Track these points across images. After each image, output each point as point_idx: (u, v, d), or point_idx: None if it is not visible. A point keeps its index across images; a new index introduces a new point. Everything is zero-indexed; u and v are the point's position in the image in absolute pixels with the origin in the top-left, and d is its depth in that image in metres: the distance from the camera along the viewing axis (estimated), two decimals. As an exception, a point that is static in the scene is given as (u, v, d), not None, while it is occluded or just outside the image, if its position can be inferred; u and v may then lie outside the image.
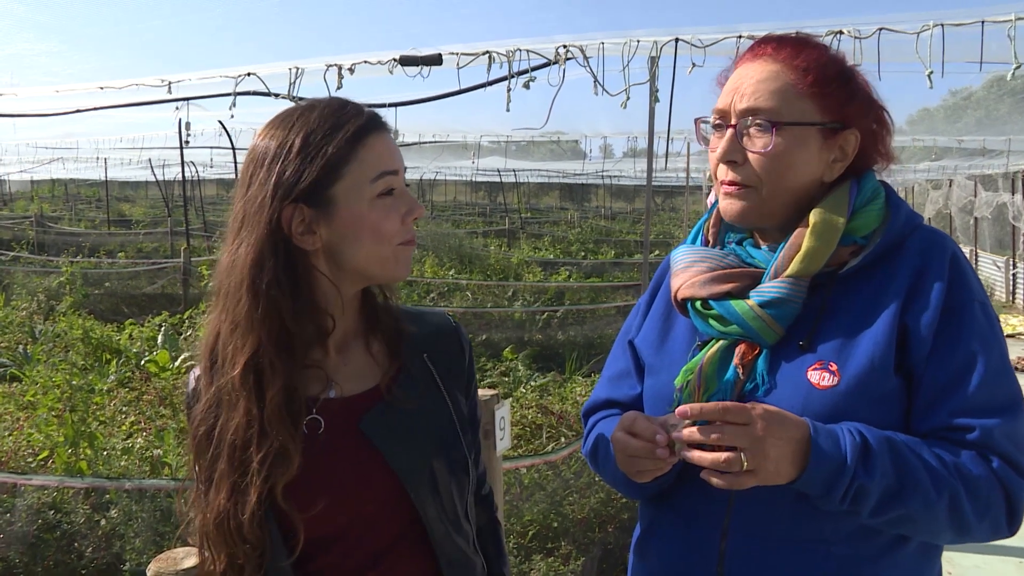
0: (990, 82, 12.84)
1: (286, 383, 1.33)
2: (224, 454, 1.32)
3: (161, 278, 13.52)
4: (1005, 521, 1.32)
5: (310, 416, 1.38)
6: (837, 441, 1.26)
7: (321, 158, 1.32)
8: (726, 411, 1.24)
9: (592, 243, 21.46)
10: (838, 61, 1.48)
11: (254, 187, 1.34)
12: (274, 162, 1.33)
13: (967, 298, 1.36)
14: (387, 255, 1.38)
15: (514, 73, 5.67)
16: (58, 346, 8.62)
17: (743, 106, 1.43)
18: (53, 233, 21.38)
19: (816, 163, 1.44)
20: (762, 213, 1.45)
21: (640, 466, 1.35)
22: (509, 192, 35.19)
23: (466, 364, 1.59)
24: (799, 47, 1.46)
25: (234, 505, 1.30)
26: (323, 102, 1.39)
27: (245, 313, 1.32)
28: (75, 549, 3.96)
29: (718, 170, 1.49)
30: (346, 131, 1.34)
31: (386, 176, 1.36)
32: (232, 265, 1.34)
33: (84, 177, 36.25)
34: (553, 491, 4.67)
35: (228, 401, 1.33)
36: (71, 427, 5.07)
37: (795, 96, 1.42)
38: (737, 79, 1.47)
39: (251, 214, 1.33)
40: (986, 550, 4.94)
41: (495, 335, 10.16)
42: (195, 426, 1.38)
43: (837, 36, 4.93)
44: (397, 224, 1.38)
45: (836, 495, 1.26)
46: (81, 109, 8.84)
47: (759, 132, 1.42)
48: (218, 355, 1.36)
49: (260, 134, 1.38)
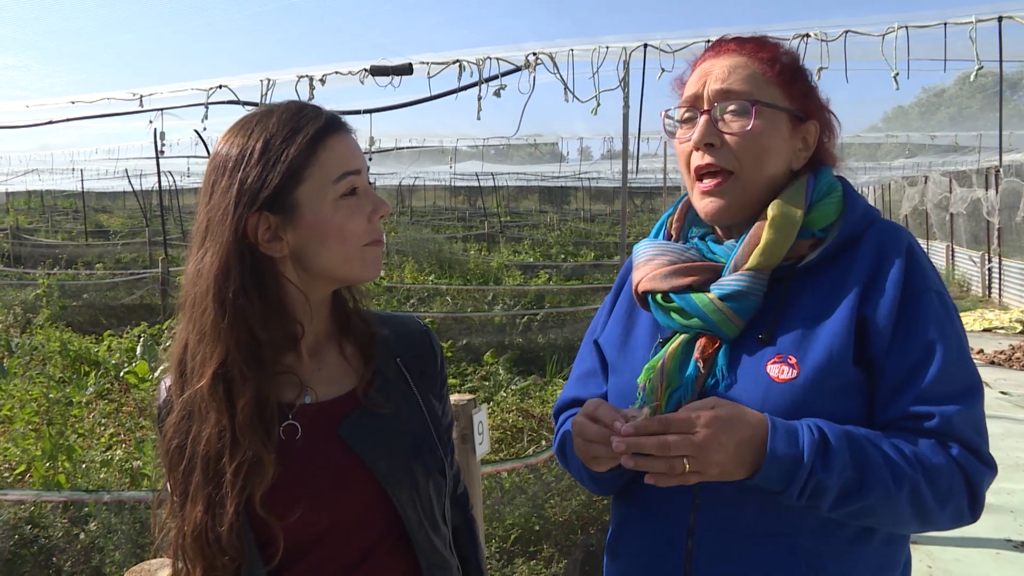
0: (961, 79, 13.00)
1: (257, 392, 1.32)
2: (198, 466, 1.31)
3: (140, 289, 13.44)
4: (967, 507, 1.33)
5: (287, 422, 1.38)
6: (795, 438, 1.27)
7: (282, 163, 1.31)
8: (668, 425, 1.26)
9: (571, 245, 21.50)
10: (796, 57, 1.53)
11: (216, 195, 1.33)
12: (236, 169, 1.32)
13: (923, 287, 1.38)
14: (354, 256, 1.38)
15: (484, 80, 5.69)
16: (35, 359, 8.54)
17: (717, 87, 1.45)
18: (29, 245, 21.20)
19: (787, 150, 1.47)
20: (742, 205, 1.47)
21: (595, 452, 1.35)
22: (488, 196, 35.19)
23: (438, 367, 1.60)
24: (760, 43, 1.51)
25: (211, 517, 1.29)
26: (282, 106, 1.38)
27: (211, 323, 1.31)
28: (53, 564, 3.93)
29: (692, 157, 1.49)
30: (305, 134, 1.33)
31: (348, 176, 1.36)
32: (198, 274, 1.34)
33: (60, 188, 36.01)
34: (534, 494, 4.68)
35: (199, 412, 1.33)
36: (48, 440, 5.04)
37: (765, 83, 1.45)
38: (705, 70, 1.50)
39: (215, 223, 1.32)
40: (965, 543, 4.99)
41: (475, 339, 10.16)
42: (167, 439, 1.37)
43: (804, 39, 4.98)
44: (363, 224, 1.37)
45: (793, 491, 1.27)
46: (54, 120, 8.79)
47: (735, 116, 1.44)
48: (187, 366, 1.36)
49: (221, 140, 1.37)
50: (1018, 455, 6.63)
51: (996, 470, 1.36)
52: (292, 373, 1.40)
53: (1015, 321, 12.69)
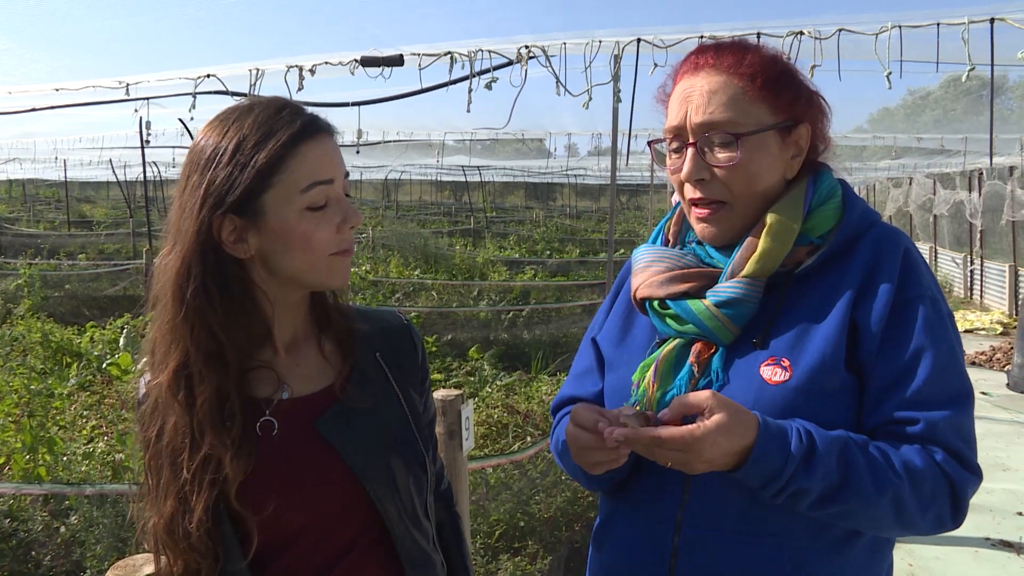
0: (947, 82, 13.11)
1: (218, 389, 1.31)
2: (166, 461, 1.32)
3: (123, 280, 13.36)
4: (949, 514, 1.33)
5: (263, 418, 1.37)
6: (784, 441, 1.27)
7: (251, 168, 1.29)
8: (661, 443, 1.25)
9: (557, 242, 21.51)
10: (778, 60, 1.48)
11: (187, 192, 1.32)
12: (207, 167, 1.31)
13: (917, 293, 1.37)
14: (320, 265, 1.36)
15: (476, 73, 5.67)
16: (16, 350, 8.47)
17: (699, 120, 1.42)
18: (10, 235, 21.03)
19: (779, 164, 1.45)
20: (739, 227, 1.46)
21: (594, 458, 1.34)
22: (474, 191, 35.16)
23: (419, 361, 1.59)
24: (740, 52, 1.46)
25: (182, 514, 1.29)
26: (262, 104, 1.36)
27: (170, 321, 1.32)
28: (32, 558, 3.88)
29: (685, 188, 1.48)
30: (278, 139, 1.31)
31: (318, 186, 1.33)
32: (163, 271, 1.34)
33: (43, 178, 35.66)
34: (519, 490, 4.67)
35: (163, 407, 1.34)
36: (29, 432, 4.98)
37: (748, 103, 1.42)
38: (684, 93, 1.46)
39: (182, 220, 1.32)
40: (945, 541, 5.04)
41: (461, 335, 10.16)
42: (143, 429, 1.37)
43: (798, 37, 4.99)
44: (330, 234, 1.35)
45: (771, 491, 1.28)
46: (37, 108, 8.69)
47: (721, 148, 1.42)
48: (155, 356, 1.36)
49: (201, 133, 1.36)
50: (997, 455, 6.69)
51: (981, 477, 1.36)
52: (268, 369, 1.39)
53: (996, 322, 12.82)
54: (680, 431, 1.24)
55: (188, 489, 1.29)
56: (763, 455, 1.25)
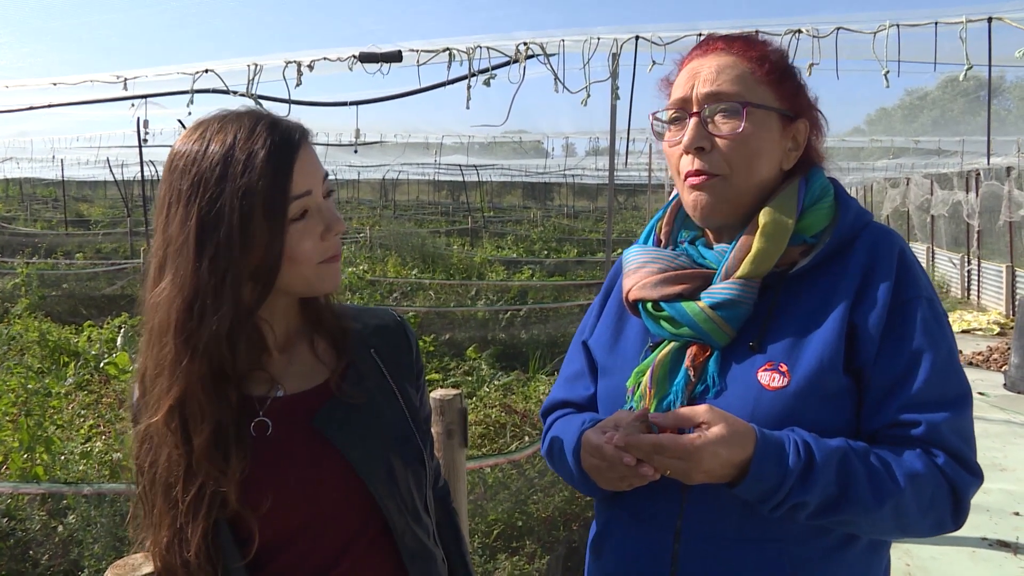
0: (944, 83, 13.13)
1: (216, 425, 1.29)
2: (160, 492, 1.30)
3: (120, 279, 13.33)
4: (950, 517, 1.33)
5: (257, 419, 1.36)
6: (781, 457, 1.26)
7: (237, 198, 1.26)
8: (662, 449, 1.26)
9: (555, 242, 21.52)
10: (785, 55, 1.51)
11: (173, 226, 1.29)
12: (192, 199, 1.27)
13: (915, 294, 1.37)
14: (309, 274, 1.35)
15: (475, 72, 5.66)
16: (13, 349, 8.44)
17: (706, 90, 1.42)
18: (7, 234, 20.99)
19: (778, 151, 1.45)
20: (733, 206, 1.44)
21: (618, 473, 1.35)
22: (472, 191, 35.15)
23: (414, 357, 1.58)
24: (749, 41, 1.48)
25: (179, 543, 1.28)
26: (234, 123, 1.33)
27: (171, 360, 1.28)
28: (30, 557, 3.88)
29: (682, 161, 1.47)
30: (260, 169, 1.27)
31: (297, 200, 1.31)
32: (156, 307, 1.30)
33: (40, 177, 35.62)
34: (517, 490, 4.67)
35: (157, 440, 1.31)
36: (27, 432, 4.97)
37: (754, 82, 1.43)
38: (692, 71, 1.47)
39: (172, 255, 1.29)
40: (942, 541, 5.04)
41: (458, 334, 10.15)
42: (135, 456, 1.35)
43: (796, 35, 4.99)
44: (315, 244, 1.34)
45: (768, 506, 1.28)
46: (35, 106, 8.67)
47: (725, 117, 1.41)
48: (147, 389, 1.33)
49: (177, 152, 1.33)
50: (994, 455, 6.70)
51: (982, 478, 1.36)
52: (262, 369, 1.38)
53: (993, 323, 12.83)
54: (682, 439, 1.24)
55: (184, 520, 1.28)
56: (760, 472, 1.25)
